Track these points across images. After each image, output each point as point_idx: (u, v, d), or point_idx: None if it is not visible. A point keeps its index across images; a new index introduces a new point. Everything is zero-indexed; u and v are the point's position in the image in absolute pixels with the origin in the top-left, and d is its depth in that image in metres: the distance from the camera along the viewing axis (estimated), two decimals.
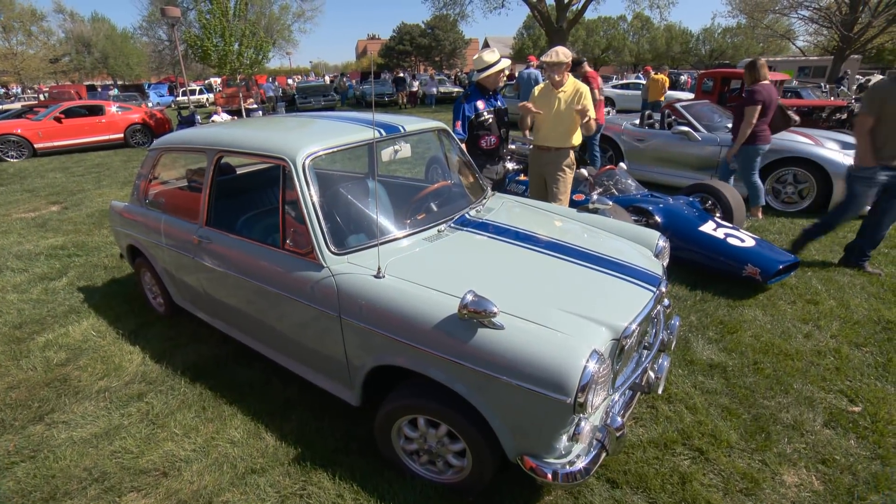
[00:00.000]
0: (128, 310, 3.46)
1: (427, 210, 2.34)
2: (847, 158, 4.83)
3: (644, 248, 2.27)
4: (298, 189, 1.99)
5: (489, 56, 3.25)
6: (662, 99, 11.98)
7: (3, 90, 33.11)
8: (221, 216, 2.56)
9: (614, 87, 18.21)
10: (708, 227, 3.49)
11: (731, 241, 3.36)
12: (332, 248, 1.96)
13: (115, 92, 24.38)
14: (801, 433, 2.08)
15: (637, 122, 6.63)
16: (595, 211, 2.52)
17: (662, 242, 2.32)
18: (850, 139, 5.66)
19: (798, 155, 5.02)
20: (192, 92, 25.17)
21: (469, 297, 1.49)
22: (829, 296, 3.28)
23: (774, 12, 23.37)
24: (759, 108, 4.32)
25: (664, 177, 6.13)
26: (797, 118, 4.71)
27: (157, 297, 3.32)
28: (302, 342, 2.17)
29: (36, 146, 11.05)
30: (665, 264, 2.30)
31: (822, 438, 2.05)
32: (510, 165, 5.05)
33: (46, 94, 23.30)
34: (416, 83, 20.98)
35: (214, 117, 13.49)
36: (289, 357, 2.33)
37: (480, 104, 3.30)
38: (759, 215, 4.89)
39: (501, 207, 2.50)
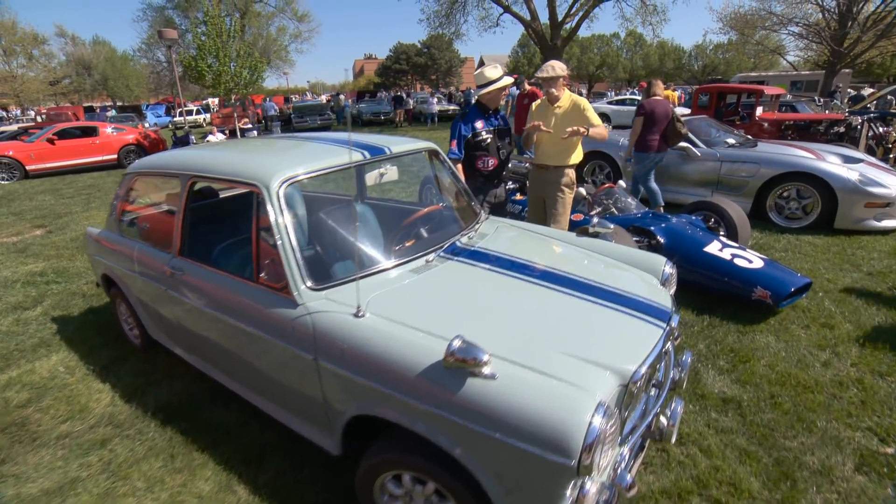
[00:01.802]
0: (102, 342, 3.26)
1: (415, 238, 2.18)
2: (850, 173, 4.71)
3: (649, 275, 2.10)
4: (272, 218, 1.83)
5: (490, 72, 3.12)
6: None
7: (2, 112, 33.24)
8: (196, 245, 2.39)
9: (610, 102, 18.29)
10: (713, 248, 3.32)
11: (738, 262, 3.19)
12: (309, 283, 1.79)
13: (112, 113, 24.49)
14: (830, 480, 1.88)
15: None
16: (595, 235, 2.36)
17: (669, 269, 2.15)
18: (852, 153, 5.57)
19: (800, 170, 4.90)
20: (190, 112, 25.27)
21: (456, 344, 1.31)
22: (845, 319, 3.11)
23: (764, 28, 23.69)
24: (642, 119, 4.89)
25: (664, 194, 5.98)
26: (685, 130, 5.09)
27: (133, 328, 3.13)
28: (278, 385, 1.98)
29: (28, 168, 10.95)
30: (673, 293, 2.13)
31: (855, 486, 1.85)
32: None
33: (44, 116, 23.37)
34: (410, 101, 21.09)
35: (210, 137, 13.46)
36: (266, 399, 2.13)
37: (479, 123, 3.16)
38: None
39: (495, 233, 2.34)
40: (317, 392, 1.77)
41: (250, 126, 13.75)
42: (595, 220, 2.35)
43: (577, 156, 3.21)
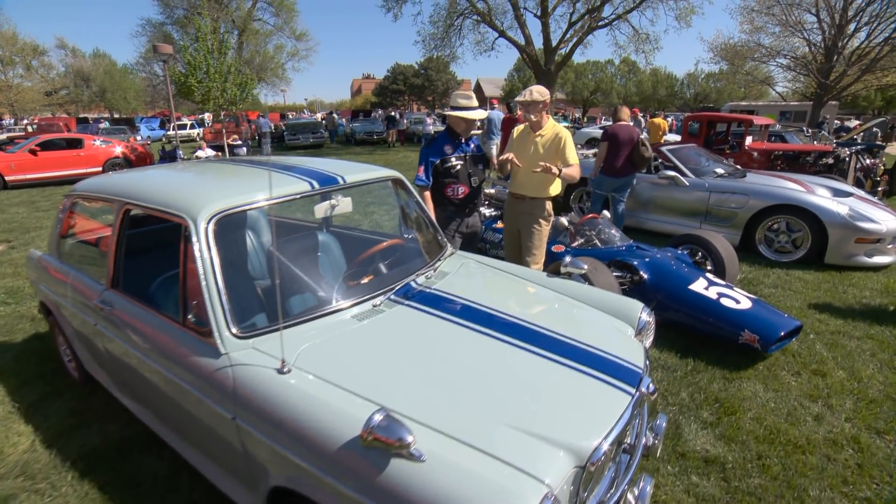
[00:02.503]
0: (38, 374, 3.00)
1: (366, 276, 1.97)
2: (840, 207, 4.60)
3: (624, 324, 1.90)
4: (197, 254, 1.62)
5: (463, 100, 2.96)
6: (662, 141, 12.24)
7: None
8: (130, 278, 2.16)
9: (601, 128, 18.43)
10: (699, 286, 3.14)
11: (725, 302, 3.00)
12: (234, 330, 1.57)
13: (105, 125, 24.38)
14: None
15: None
16: (568, 275, 2.17)
17: (646, 316, 1.95)
18: (841, 186, 5.48)
19: (790, 203, 4.78)
20: (184, 126, 25.20)
21: (377, 419, 1.10)
22: (837, 364, 2.91)
23: (754, 60, 24.19)
24: (607, 144, 5.05)
25: (651, 223, 5.87)
26: (649, 154, 5.10)
27: (71, 360, 2.88)
28: (203, 440, 1.75)
29: (7, 178, 10.71)
30: (649, 344, 1.93)
31: None
32: (487, 212, 4.76)
33: (34, 126, 23.23)
34: (404, 121, 21.15)
35: (198, 153, 13.33)
36: (194, 452, 1.89)
37: (448, 149, 2.99)
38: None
39: (458, 272, 2.14)
40: (239, 455, 1.54)
41: (240, 143, 13.63)
42: (567, 258, 2.16)
43: (555, 187, 3.04)
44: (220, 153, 13.19)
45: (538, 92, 2.93)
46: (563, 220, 3.99)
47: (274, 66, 28.28)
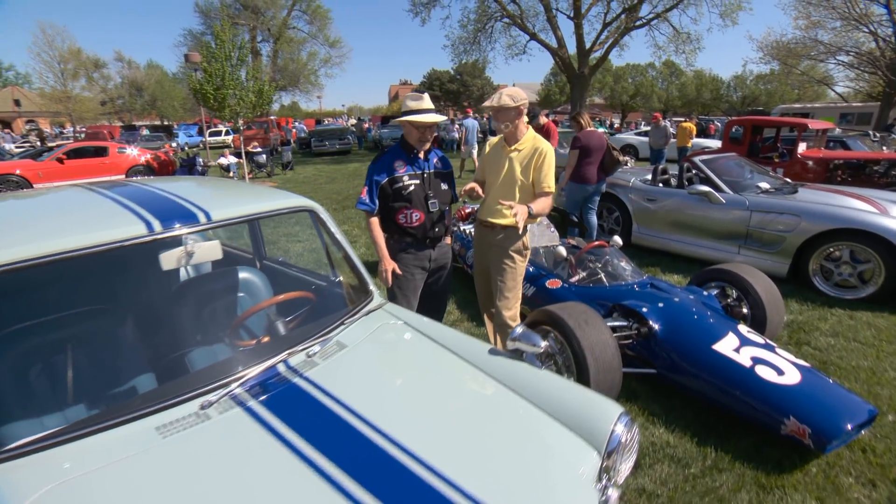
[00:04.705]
0: None
1: (210, 356, 1.40)
2: None
3: (586, 445, 1.23)
4: None
5: (412, 102, 2.37)
6: (690, 145, 11.43)
7: (60, 130, 35.73)
8: None
9: (637, 133, 17.31)
10: (727, 345, 2.38)
11: (761, 371, 2.23)
12: None
13: (146, 132, 25.47)
14: None
15: (649, 177, 5.61)
16: (518, 354, 1.53)
17: (622, 430, 1.27)
18: None
19: (855, 227, 3.86)
20: (218, 132, 25.89)
21: None
22: None
23: (810, 58, 22.20)
24: (577, 152, 4.88)
25: (679, 245, 5.04)
26: (624, 158, 5.09)
27: None
28: None
29: (35, 186, 11.04)
30: (625, 475, 1.26)
31: None
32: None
33: (82, 135, 24.56)
34: None
35: (221, 160, 13.37)
36: None
37: (399, 165, 2.40)
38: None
39: (363, 343, 1.53)
40: None
41: (259, 150, 13.56)
42: (519, 330, 1.51)
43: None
44: (241, 160, 13.15)
45: (508, 96, 2.29)
46: (561, 249, 3.30)
47: (307, 72, 28.66)
